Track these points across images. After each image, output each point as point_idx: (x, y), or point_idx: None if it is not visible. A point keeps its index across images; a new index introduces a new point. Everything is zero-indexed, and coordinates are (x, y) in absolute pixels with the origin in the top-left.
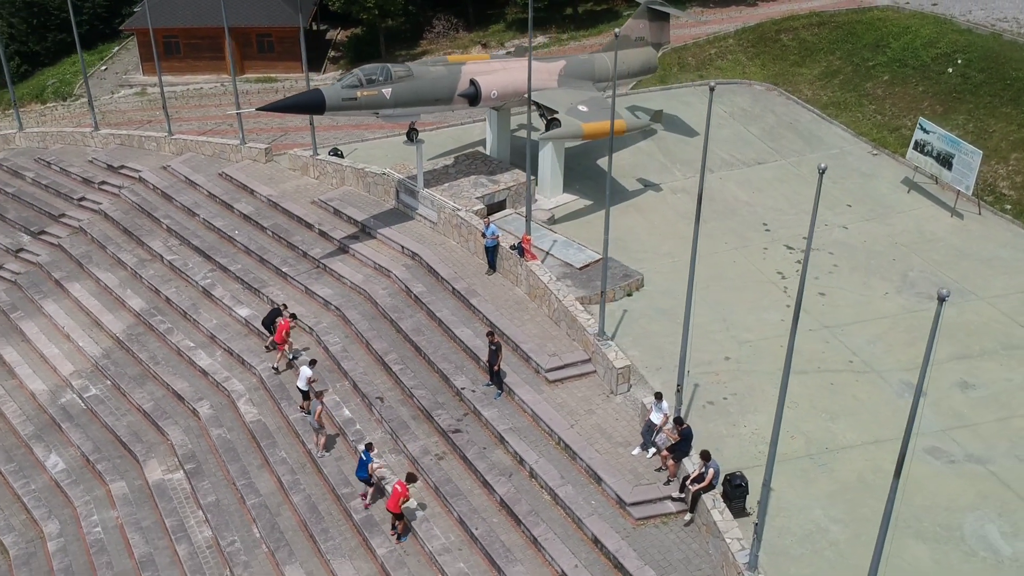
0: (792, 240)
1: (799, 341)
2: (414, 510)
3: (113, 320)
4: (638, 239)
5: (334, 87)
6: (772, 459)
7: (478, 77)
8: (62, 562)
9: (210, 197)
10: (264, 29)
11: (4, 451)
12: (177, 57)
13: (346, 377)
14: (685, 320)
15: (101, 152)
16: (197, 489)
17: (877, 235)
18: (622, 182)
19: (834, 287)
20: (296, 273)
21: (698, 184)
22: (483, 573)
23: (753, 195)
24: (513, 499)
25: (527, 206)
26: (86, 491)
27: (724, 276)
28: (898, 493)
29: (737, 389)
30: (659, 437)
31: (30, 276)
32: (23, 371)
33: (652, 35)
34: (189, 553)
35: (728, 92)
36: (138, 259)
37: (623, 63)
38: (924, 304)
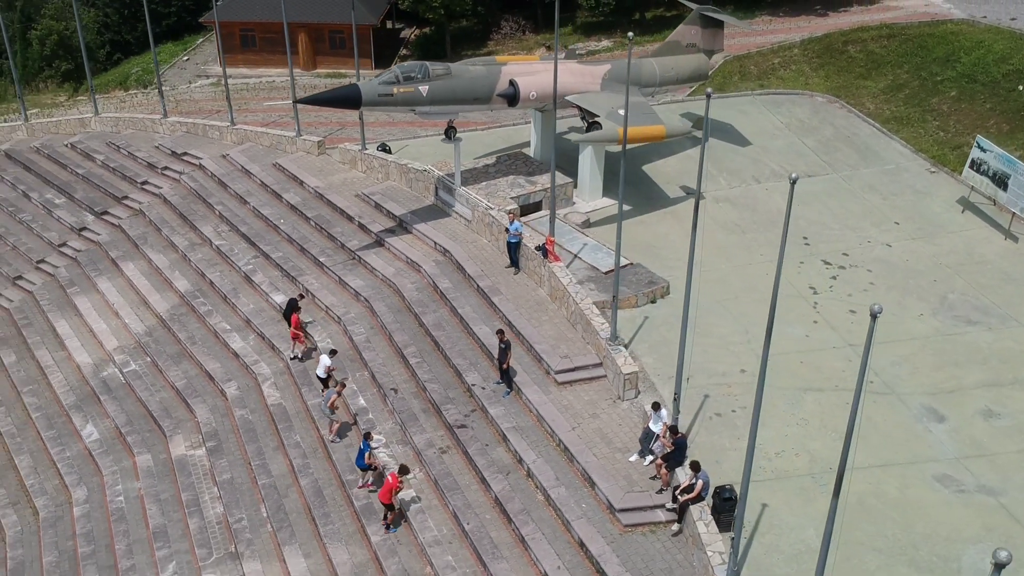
0: (831, 255)
1: (819, 358)
2: (410, 501)
3: (159, 300)
4: (671, 246)
5: (371, 83)
6: (748, 474)
7: (518, 78)
8: (84, 527)
9: (262, 186)
10: (336, 26)
11: (47, 418)
12: (253, 50)
13: (366, 367)
14: (682, 328)
15: (167, 138)
16: (215, 466)
17: (922, 254)
18: (664, 188)
19: (866, 305)
20: (332, 264)
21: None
22: (469, 568)
23: (798, 207)
24: (507, 497)
25: (551, 208)
26: (115, 461)
27: (755, 288)
28: (899, 519)
29: (748, 403)
30: (656, 445)
31: (89, 254)
32: (72, 344)
33: (704, 42)
34: (199, 527)
35: (787, 103)
36: (189, 242)
37: (671, 69)
38: (959, 328)
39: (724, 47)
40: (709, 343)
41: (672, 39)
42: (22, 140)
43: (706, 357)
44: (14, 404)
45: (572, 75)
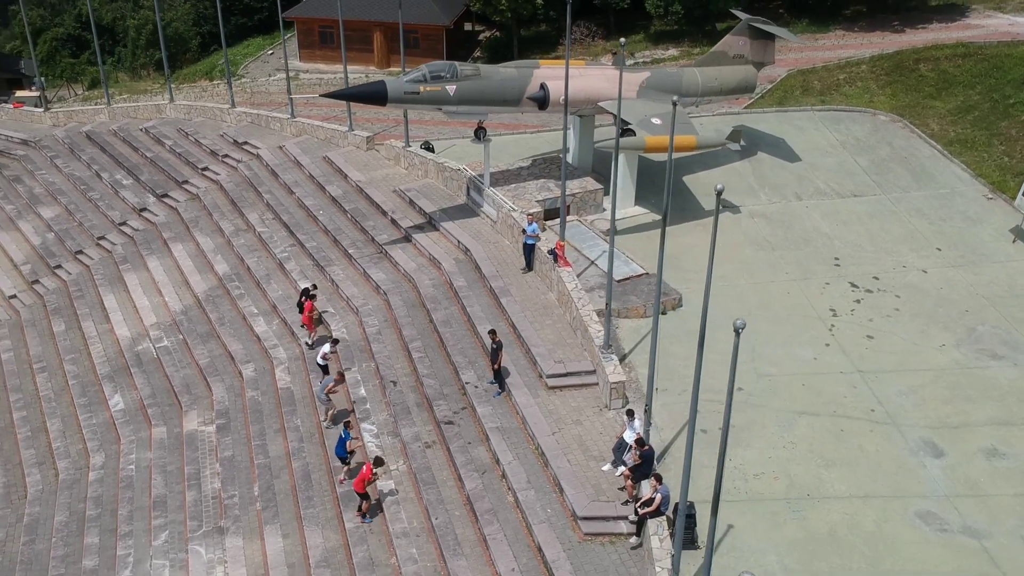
0: (860, 278)
1: (822, 382)
2: (389, 493)
3: (199, 281)
4: (694, 258)
5: (398, 80)
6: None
7: (549, 82)
8: (96, 491)
9: (309, 178)
10: (411, 25)
11: (81, 386)
12: (331, 47)
13: (373, 358)
14: (652, 338)
15: (232, 128)
16: (220, 443)
17: (958, 283)
18: (701, 200)
19: (885, 331)
20: (360, 256)
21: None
22: (430, 562)
23: (836, 227)
24: (478, 496)
25: (561, 214)
26: (133, 431)
27: (770, 306)
28: (868, 553)
29: (737, 421)
30: (628, 456)
31: (145, 234)
32: (116, 317)
33: (753, 54)
34: (195, 500)
35: (847, 120)
36: (235, 228)
37: (714, 79)
38: (982, 361)
39: (775, 60)
40: (711, 358)
41: (718, 49)
42: (103, 123)
43: (705, 372)
44: (56, 371)
45: (608, 81)
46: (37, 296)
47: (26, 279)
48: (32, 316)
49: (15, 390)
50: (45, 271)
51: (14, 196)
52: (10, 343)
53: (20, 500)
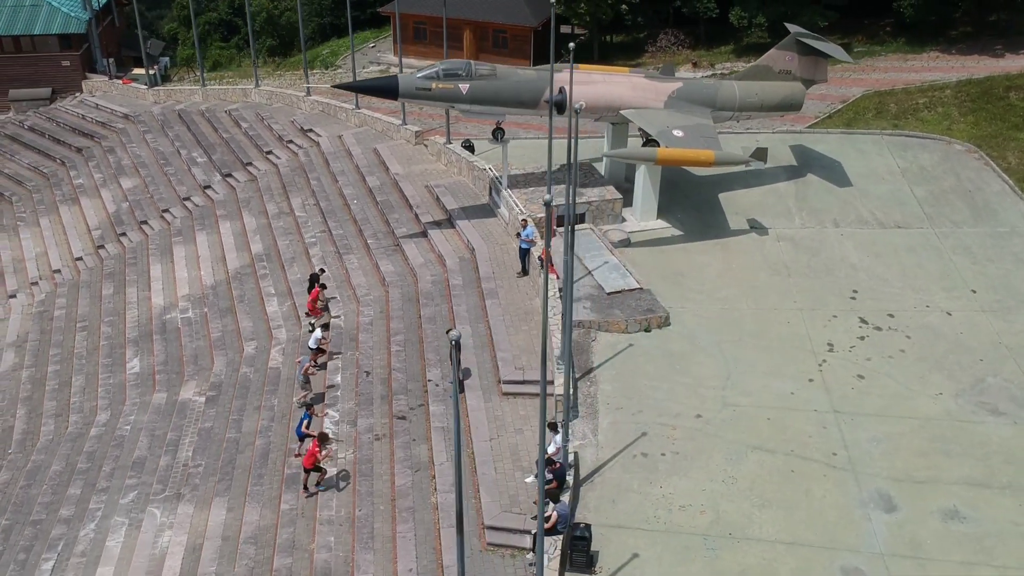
0: (873, 314)
1: (791, 418)
2: (337, 477)
3: (235, 258)
4: (701, 278)
5: (411, 76)
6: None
7: (568, 86)
8: (92, 447)
9: (355, 168)
10: (500, 25)
11: (110, 348)
12: (423, 43)
13: (358, 347)
14: (567, 354)
15: (303, 115)
16: (204, 414)
17: (984, 329)
18: (729, 219)
19: (880, 373)
20: (377, 247)
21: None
22: (343, 552)
23: (866, 259)
24: (404, 493)
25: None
26: (139, 395)
27: (765, 334)
28: None
29: (683, 449)
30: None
31: (203, 210)
32: (156, 286)
33: (801, 70)
34: (167, 465)
35: (916, 147)
36: (278, 211)
37: (754, 94)
38: (978, 416)
39: (827, 78)
40: (682, 381)
41: (762, 63)
42: (196, 103)
43: (670, 395)
44: (94, 331)
45: (633, 90)
46: (99, 260)
47: (94, 243)
48: (89, 278)
49: (56, 345)
50: (112, 237)
51: (104, 166)
52: (65, 301)
53: (31, 447)
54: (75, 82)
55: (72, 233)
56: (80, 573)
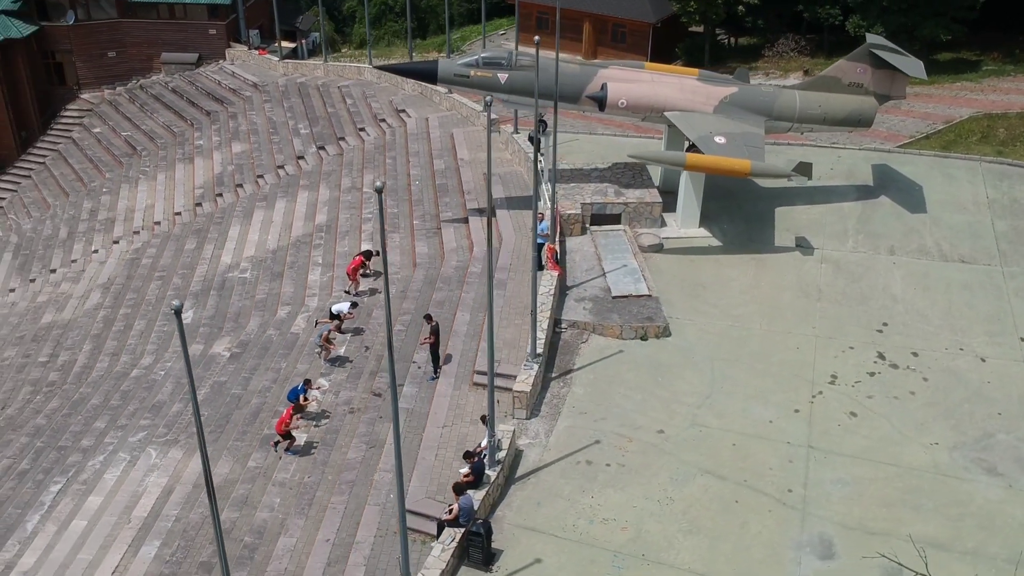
0: (895, 351)
1: (758, 447)
2: (307, 445)
3: (300, 227)
4: (722, 292)
5: (451, 62)
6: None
7: (612, 83)
8: (128, 386)
9: (429, 151)
10: (619, 19)
11: (174, 297)
12: (545, 32)
13: (369, 323)
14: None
15: (401, 96)
16: (224, 369)
17: (1017, 381)
18: (776, 234)
19: (876, 413)
20: (421, 228)
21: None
22: (282, 514)
23: (912, 291)
24: (351, 466)
25: (552, 221)
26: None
27: (767, 357)
28: None
29: (631, 463)
30: None
31: (291, 179)
32: (229, 246)
33: (875, 84)
34: (177, 412)
35: (1015, 177)
36: (351, 185)
37: (817, 106)
38: (970, 473)
39: (905, 94)
40: (659, 394)
41: (830, 74)
42: (316, 77)
43: (640, 407)
44: (168, 281)
45: (681, 91)
46: (193, 216)
47: (194, 200)
48: (180, 232)
49: (134, 291)
50: (210, 196)
51: (224, 130)
52: (155, 252)
53: (84, 380)
54: (220, 50)
55: (180, 190)
56: (76, 499)
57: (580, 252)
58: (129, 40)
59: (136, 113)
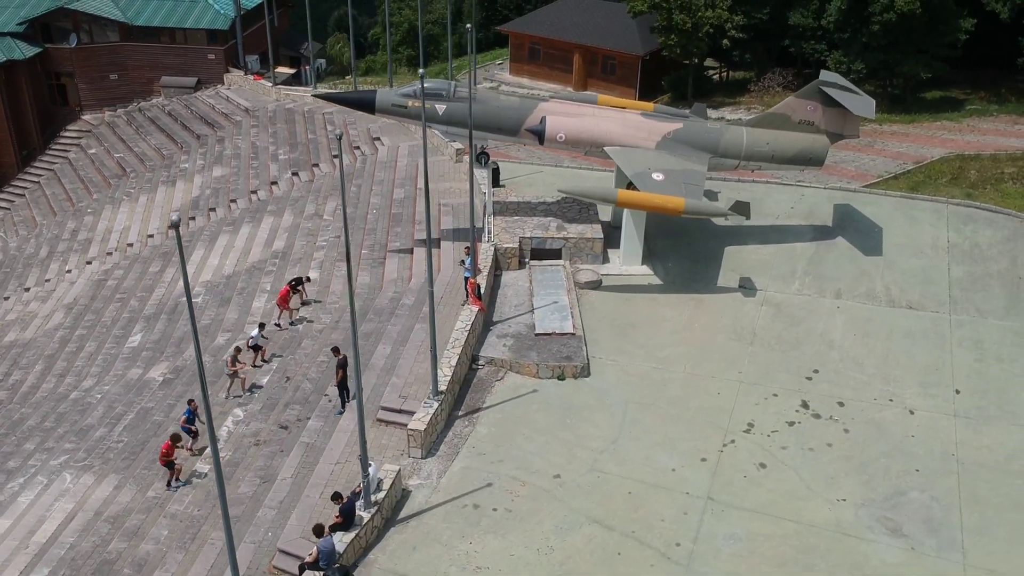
0: (820, 400)
1: (654, 497)
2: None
3: (258, 252)
4: (652, 332)
5: (390, 91)
6: None
7: (552, 117)
8: (64, 408)
9: (394, 179)
10: (609, 51)
11: (127, 322)
12: (537, 63)
13: (295, 352)
14: (360, 396)
15: (380, 123)
16: (153, 395)
17: (942, 437)
18: (721, 274)
19: (786, 465)
20: (367, 257)
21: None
22: (168, 545)
23: (849, 338)
24: (238, 501)
25: (472, 254)
26: (124, 368)
27: (683, 402)
28: None
29: (518, 508)
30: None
31: (260, 204)
32: (190, 269)
33: (826, 122)
34: (101, 437)
35: (982, 222)
36: (314, 211)
37: (765, 144)
38: (872, 534)
39: (859, 133)
40: (564, 437)
41: (779, 111)
42: (305, 103)
43: (542, 449)
44: (127, 303)
45: (623, 127)
46: (166, 238)
47: (167, 223)
48: (150, 255)
49: (93, 312)
50: (184, 220)
51: (209, 154)
52: (121, 273)
53: (29, 400)
54: (218, 75)
55: (156, 212)
56: None
57: (514, 287)
58: (131, 63)
59: (131, 135)
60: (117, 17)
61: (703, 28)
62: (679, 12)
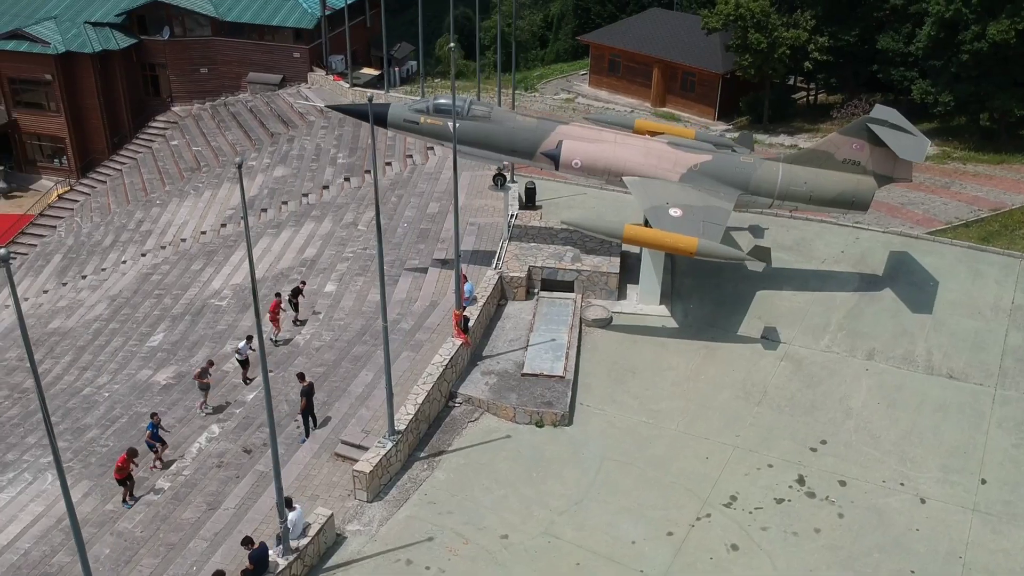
0: (820, 477)
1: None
2: (164, 491)
3: (289, 258)
4: (651, 382)
5: (402, 106)
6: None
7: (568, 141)
8: (73, 404)
9: (432, 192)
10: (690, 68)
11: (156, 319)
12: (616, 75)
13: (287, 370)
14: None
15: None
16: (151, 401)
17: (952, 534)
18: (747, 321)
19: (762, 550)
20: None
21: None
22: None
23: (872, 406)
24: (180, 527)
25: (457, 285)
26: (137, 368)
27: (667, 464)
28: None
29: (452, 569)
30: None
31: (306, 208)
32: (225, 271)
33: (874, 163)
34: (91, 439)
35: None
36: (352, 220)
37: (802, 183)
38: None
39: (911, 176)
40: (525, 492)
41: (822, 147)
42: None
43: (497, 504)
44: (163, 300)
45: (646, 156)
46: (217, 236)
47: (221, 221)
48: (197, 252)
49: (131, 306)
50: (237, 218)
51: (277, 153)
52: (167, 268)
53: (48, 391)
54: (302, 73)
55: (215, 209)
56: None
57: (515, 319)
58: (220, 58)
59: (212, 129)
60: (208, 12)
61: (779, 49)
62: (754, 31)
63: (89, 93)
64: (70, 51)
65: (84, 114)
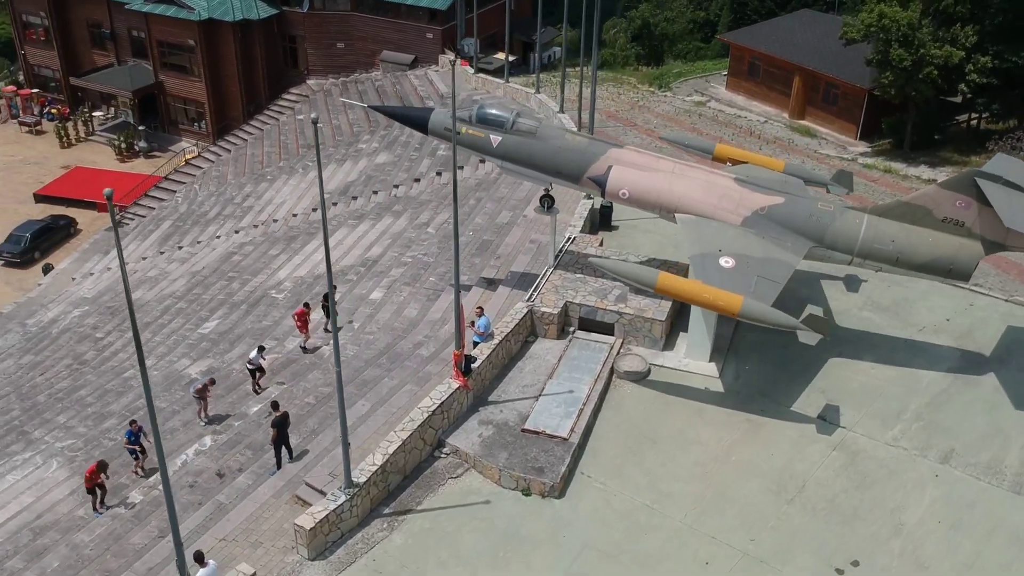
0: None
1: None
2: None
3: (357, 254)
4: (671, 457)
5: (445, 113)
6: None
7: (619, 167)
8: (111, 386)
9: (510, 198)
10: (834, 79)
11: (217, 304)
12: (755, 81)
13: (300, 383)
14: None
15: None
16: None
17: None
18: (806, 395)
19: None
20: (432, 287)
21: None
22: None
23: (930, 525)
24: (127, 552)
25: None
26: (180, 356)
27: (657, 563)
28: None
29: None
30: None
31: (392, 201)
32: (296, 261)
33: (982, 225)
34: (106, 428)
35: None
36: (427, 220)
37: (889, 240)
38: None
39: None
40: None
41: (918, 200)
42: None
43: None
44: (234, 283)
45: (705, 192)
46: (307, 219)
47: (314, 205)
48: (281, 236)
49: (204, 286)
50: (330, 203)
51: (388, 138)
52: (250, 249)
53: (100, 368)
54: (433, 55)
55: (313, 191)
56: None
57: (537, 361)
58: (356, 34)
59: (336, 106)
60: None
61: (926, 68)
62: (898, 46)
63: (228, 60)
64: (212, 18)
65: (223, 80)
